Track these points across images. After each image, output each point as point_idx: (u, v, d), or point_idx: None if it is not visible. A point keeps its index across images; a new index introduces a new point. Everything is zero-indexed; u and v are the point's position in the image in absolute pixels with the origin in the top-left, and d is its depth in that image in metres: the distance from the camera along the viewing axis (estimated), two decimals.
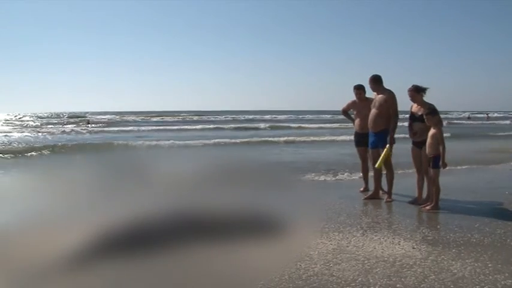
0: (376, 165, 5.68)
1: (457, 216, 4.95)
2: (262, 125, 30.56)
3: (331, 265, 3.35)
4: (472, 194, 6.28)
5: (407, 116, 5.67)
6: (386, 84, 5.85)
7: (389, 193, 5.81)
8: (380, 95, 5.76)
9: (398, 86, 5.95)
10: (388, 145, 5.62)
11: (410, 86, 5.51)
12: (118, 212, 4.17)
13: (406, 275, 3.14)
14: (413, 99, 5.54)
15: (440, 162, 5.02)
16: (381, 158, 5.64)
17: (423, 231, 4.35)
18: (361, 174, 6.61)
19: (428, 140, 5.14)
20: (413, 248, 3.76)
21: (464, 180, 7.43)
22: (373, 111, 5.79)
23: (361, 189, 6.50)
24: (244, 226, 4.33)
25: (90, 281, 3.11)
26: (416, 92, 5.46)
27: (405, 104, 5.92)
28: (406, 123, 5.71)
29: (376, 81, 5.80)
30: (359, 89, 6.24)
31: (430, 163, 5.15)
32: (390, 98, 5.70)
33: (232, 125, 31.61)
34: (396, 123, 5.71)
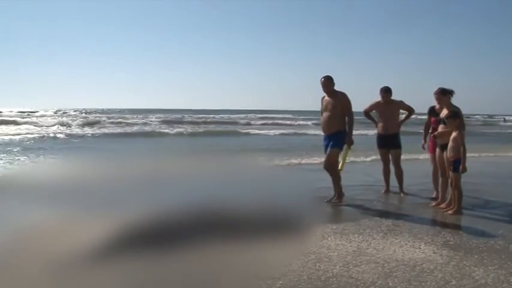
0: (339, 168, 5.67)
1: (480, 221, 4.86)
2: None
3: (350, 267, 3.34)
4: (496, 198, 6.15)
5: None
6: (404, 87, 5.86)
7: (339, 194, 5.72)
8: (331, 97, 5.63)
9: (414, 88, 5.93)
10: (346, 146, 5.59)
11: (436, 89, 5.44)
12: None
13: (426, 279, 3.11)
14: (439, 102, 5.46)
15: (460, 167, 4.94)
16: (342, 160, 5.65)
17: (445, 235, 4.29)
18: (383, 175, 6.54)
19: (450, 143, 5.06)
20: (435, 253, 3.72)
21: (488, 184, 7.26)
22: (326, 114, 5.66)
23: (383, 190, 6.46)
24: (264, 226, 4.36)
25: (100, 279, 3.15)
26: (443, 95, 5.39)
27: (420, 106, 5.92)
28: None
29: (332, 82, 5.64)
30: (387, 92, 6.24)
31: (451, 166, 5.07)
32: (345, 99, 5.62)
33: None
34: (353, 124, 5.62)
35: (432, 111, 5.90)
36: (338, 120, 5.60)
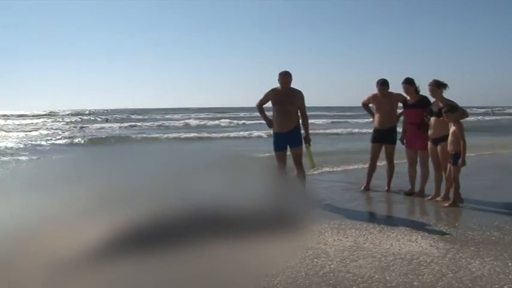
0: (313, 166, 5.89)
1: (476, 213, 4.89)
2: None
3: (347, 262, 3.36)
4: (491, 190, 6.19)
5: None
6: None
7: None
8: (287, 93, 5.51)
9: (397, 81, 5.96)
10: (306, 145, 5.61)
11: (430, 80, 5.43)
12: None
13: (423, 272, 3.13)
14: (432, 94, 5.46)
15: (460, 160, 4.97)
16: (310, 158, 5.69)
17: (441, 228, 4.31)
18: (367, 171, 6.34)
19: (450, 137, 5.10)
20: (431, 246, 3.74)
21: (484, 177, 7.30)
22: (282, 109, 5.50)
23: (362, 188, 6.30)
24: (260, 222, 4.36)
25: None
26: (437, 87, 5.39)
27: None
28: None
29: (291, 78, 5.55)
30: (383, 85, 6.04)
31: (451, 160, 5.10)
32: (303, 98, 5.60)
33: None
34: (308, 122, 5.68)
35: (404, 104, 5.91)
36: (295, 117, 5.56)
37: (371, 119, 6.47)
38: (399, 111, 6.30)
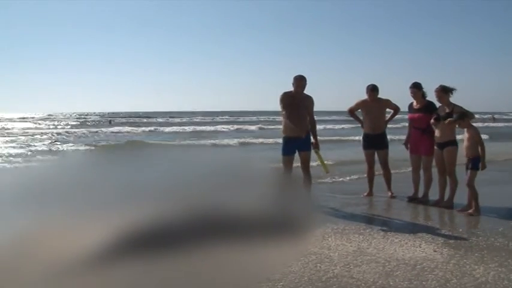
0: (328, 171, 5.84)
1: (480, 219, 4.87)
2: None
3: (351, 267, 3.35)
4: (496, 196, 6.15)
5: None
6: (391, 85, 5.86)
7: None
8: (300, 97, 5.50)
9: (399, 85, 5.90)
10: (316, 150, 5.58)
11: (437, 86, 5.43)
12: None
13: (427, 278, 3.11)
14: (440, 100, 5.47)
15: (480, 164, 4.98)
16: (323, 163, 5.67)
17: (445, 234, 4.29)
18: (367, 178, 6.34)
19: (465, 143, 5.11)
20: (435, 251, 3.72)
21: (488, 183, 7.26)
22: (297, 113, 5.47)
23: (365, 194, 6.29)
24: (263, 226, 4.35)
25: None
26: (444, 93, 5.40)
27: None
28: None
29: (306, 83, 5.54)
30: (374, 90, 6.03)
31: (468, 165, 5.09)
32: (313, 103, 5.62)
33: None
34: (316, 127, 5.66)
35: (410, 108, 5.88)
36: (306, 121, 5.54)
37: (360, 125, 6.41)
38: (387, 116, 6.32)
